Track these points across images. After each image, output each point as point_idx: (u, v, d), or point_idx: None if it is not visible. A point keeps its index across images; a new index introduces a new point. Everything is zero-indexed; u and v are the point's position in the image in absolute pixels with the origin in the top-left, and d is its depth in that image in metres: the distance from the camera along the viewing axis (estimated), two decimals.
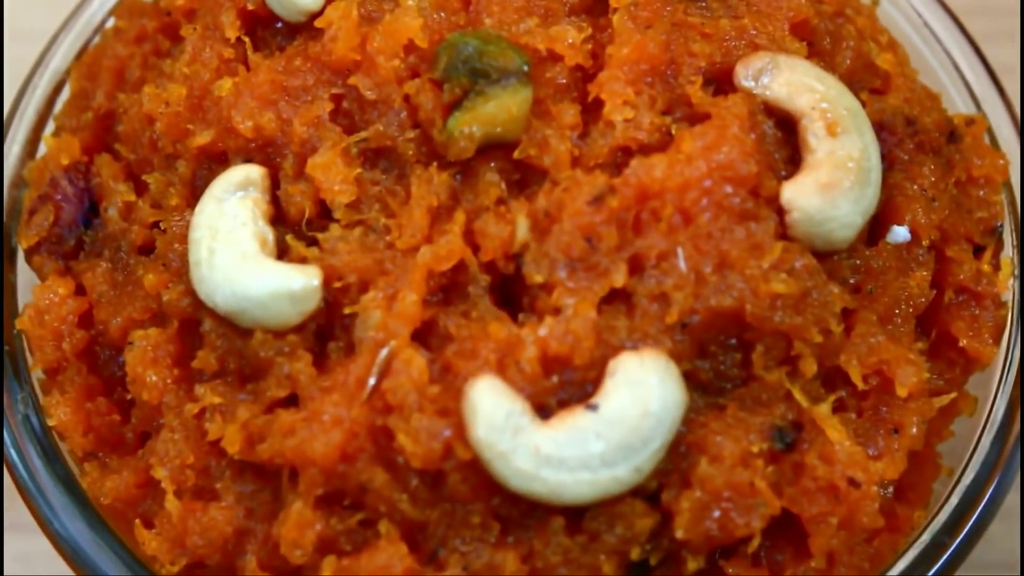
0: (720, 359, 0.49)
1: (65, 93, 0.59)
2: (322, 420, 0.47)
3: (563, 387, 0.48)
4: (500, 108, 0.49)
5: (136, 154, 0.54)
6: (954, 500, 0.53)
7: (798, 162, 0.50)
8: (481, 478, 0.47)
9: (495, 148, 0.50)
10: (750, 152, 0.49)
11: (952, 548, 0.52)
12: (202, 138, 0.51)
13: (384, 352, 0.47)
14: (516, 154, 0.49)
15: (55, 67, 0.59)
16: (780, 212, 0.49)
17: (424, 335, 0.48)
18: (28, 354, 0.54)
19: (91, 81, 0.56)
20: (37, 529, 0.52)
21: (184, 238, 0.50)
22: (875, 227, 0.52)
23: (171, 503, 0.50)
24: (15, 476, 0.52)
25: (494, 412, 0.46)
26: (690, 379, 0.48)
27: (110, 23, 0.59)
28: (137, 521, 0.51)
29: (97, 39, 0.59)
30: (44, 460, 0.52)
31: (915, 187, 0.53)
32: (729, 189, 0.48)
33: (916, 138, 0.54)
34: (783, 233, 0.49)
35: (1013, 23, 0.84)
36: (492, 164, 0.50)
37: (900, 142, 0.54)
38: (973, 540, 0.52)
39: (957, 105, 0.59)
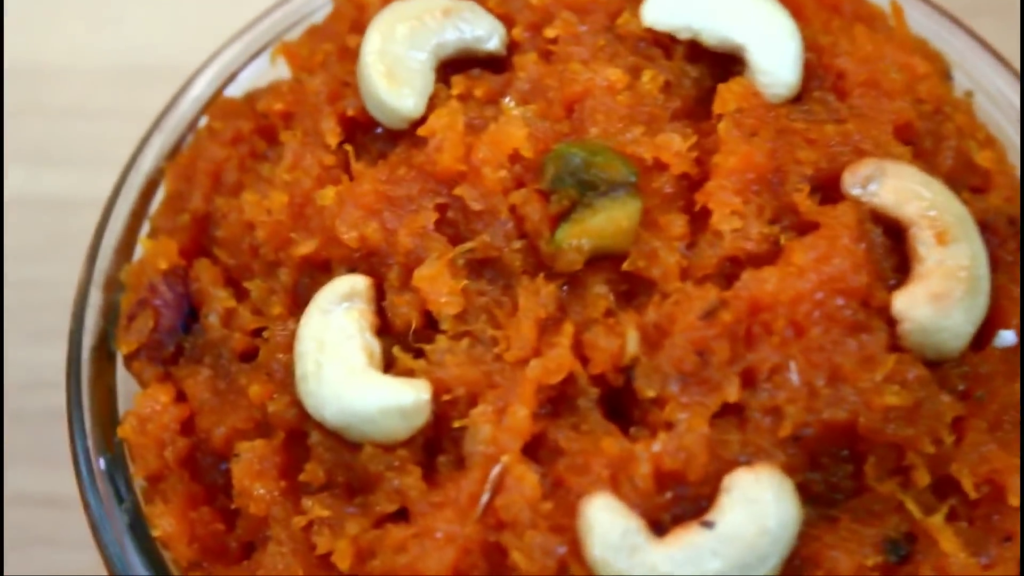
0: (832, 471, 0.49)
1: (160, 194, 0.58)
2: (434, 537, 0.47)
3: (677, 503, 0.47)
4: (609, 221, 0.49)
5: (236, 260, 0.54)
6: None
7: (907, 270, 0.50)
8: None
9: (603, 259, 0.49)
10: (861, 263, 0.48)
11: None
12: (305, 247, 0.51)
13: (496, 469, 0.47)
14: (625, 266, 0.49)
15: (147, 166, 0.59)
16: (891, 322, 0.49)
17: (534, 449, 0.48)
18: (130, 462, 0.53)
19: (187, 182, 0.56)
20: None
21: (287, 347, 0.50)
22: (982, 332, 0.51)
23: None
24: None
25: (610, 530, 0.46)
26: (803, 491, 0.48)
27: (202, 122, 0.58)
28: None
29: (190, 138, 0.58)
30: (150, 571, 0.52)
31: (1019, 289, 0.53)
32: (841, 301, 0.48)
33: (1018, 237, 0.54)
34: (894, 344, 0.49)
35: None
36: (600, 275, 0.49)
37: (1003, 242, 0.53)
38: None
39: None
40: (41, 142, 0.79)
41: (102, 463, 0.54)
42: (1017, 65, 0.60)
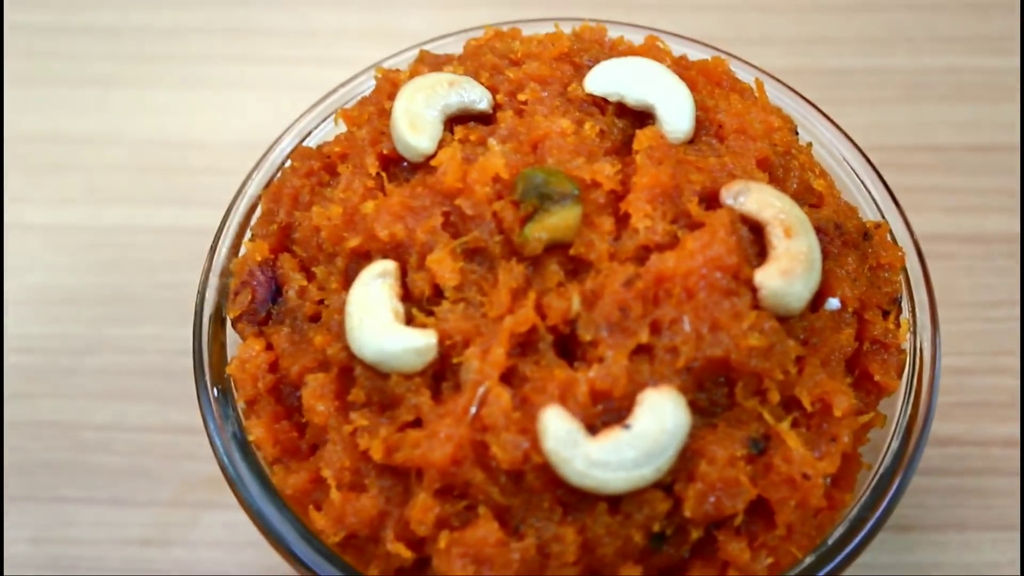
0: (713, 392, 0.48)
1: (257, 212, 0.58)
2: (439, 436, 0.46)
3: (606, 413, 0.46)
4: (560, 219, 0.48)
5: (307, 253, 0.53)
6: (871, 486, 0.52)
7: (764, 255, 0.49)
8: (549, 476, 0.46)
9: (556, 248, 0.48)
10: (733, 249, 0.48)
11: (872, 521, 0.51)
12: (353, 242, 0.50)
13: (481, 389, 0.46)
14: (571, 252, 0.48)
15: (251, 194, 0.59)
16: (753, 290, 0.48)
17: (508, 377, 0.47)
18: (235, 391, 0.53)
19: (276, 203, 0.56)
20: (239, 508, 0.51)
21: (341, 311, 0.49)
22: (817, 299, 0.50)
23: (334, 494, 0.49)
24: (226, 474, 0.52)
25: (559, 430, 0.45)
26: (692, 406, 0.47)
27: (287, 164, 0.58)
28: (311, 506, 0.50)
29: (279, 175, 0.58)
30: (246, 464, 0.52)
31: (842, 271, 0.52)
32: (719, 275, 0.47)
33: (842, 238, 0.53)
34: (756, 305, 0.48)
35: (902, 157, 0.83)
36: (554, 258, 0.48)
37: (831, 241, 0.53)
38: (886, 515, 0.51)
39: (868, 214, 0.58)
40: (187, 191, 0.80)
41: (215, 392, 0.53)
42: (837, 123, 0.60)
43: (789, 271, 0.48)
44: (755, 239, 0.50)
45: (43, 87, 0.86)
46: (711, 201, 0.50)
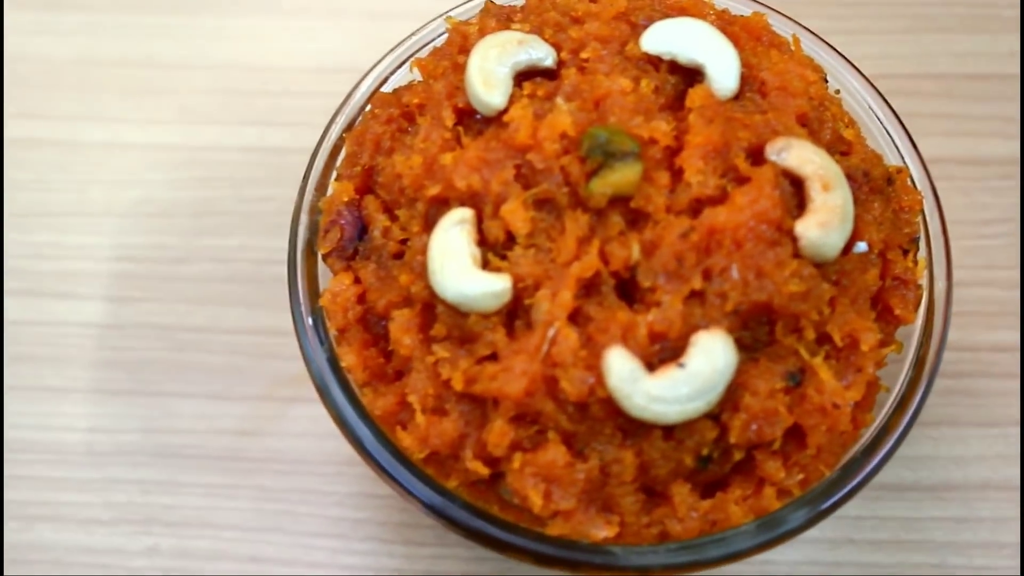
0: (756, 331, 0.47)
1: (342, 154, 0.56)
2: (514, 371, 0.46)
3: (662, 352, 0.46)
4: (623, 176, 0.46)
5: (390, 196, 0.52)
6: (890, 407, 0.52)
7: (803, 207, 0.48)
8: (612, 407, 0.45)
9: (618, 200, 0.47)
10: (777, 203, 0.46)
11: (892, 439, 0.51)
12: (433, 190, 0.49)
13: (552, 330, 0.46)
14: (632, 204, 0.47)
15: (334, 136, 0.57)
16: (794, 240, 0.47)
17: (575, 317, 0.46)
18: (327, 321, 0.52)
19: (359, 147, 0.54)
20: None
21: (423, 252, 0.48)
22: (847, 244, 0.49)
23: (419, 417, 0.48)
24: (323, 396, 0.51)
25: (621, 368, 0.45)
26: (738, 344, 0.46)
27: (367, 108, 0.56)
28: (398, 427, 0.50)
29: (360, 118, 0.56)
30: (340, 387, 0.51)
31: (869, 216, 0.51)
32: (764, 227, 0.46)
33: (869, 184, 0.52)
34: (796, 253, 0.47)
35: (906, 85, 0.80)
36: (617, 210, 0.47)
37: (860, 187, 0.51)
38: (904, 433, 0.51)
39: (891, 160, 0.56)
40: (266, 113, 0.78)
41: (310, 320, 0.52)
42: (863, 72, 0.58)
43: (826, 223, 0.47)
44: (796, 191, 0.48)
45: (136, 14, 0.83)
46: (756, 156, 0.48)
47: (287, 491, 0.67)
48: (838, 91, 0.58)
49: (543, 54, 0.51)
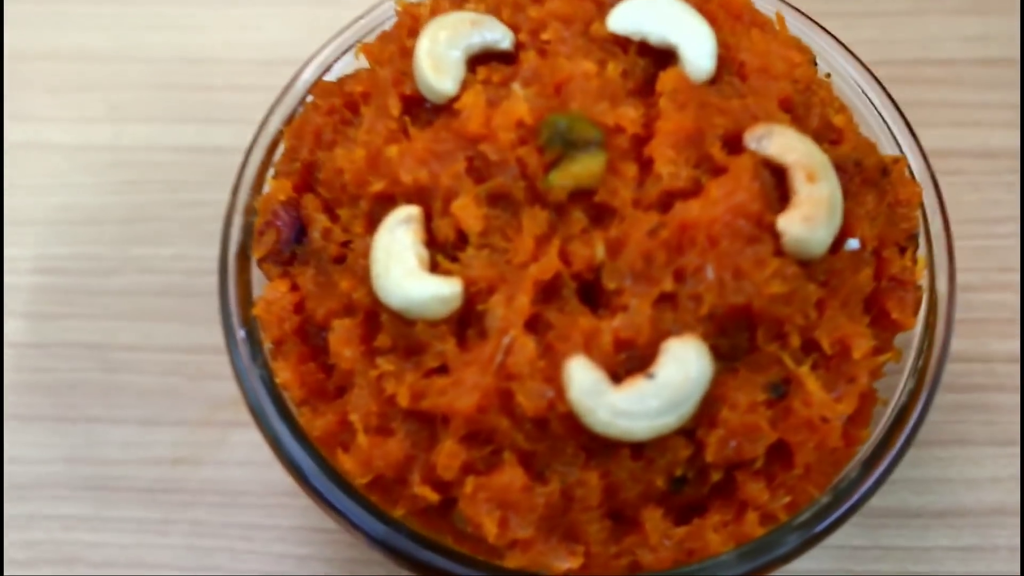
0: (735, 337, 0.47)
1: (280, 149, 0.56)
2: (465, 384, 0.45)
3: (629, 361, 0.45)
4: (584, 167, 0.46)
5: (331, 194, 0.51)
6: (888, 422, 0.51)
7: (787, 200, 0.47)
8: (573, 423, 0.45)
9: (580, 194, 0.47)
10: (756, 195, 0.46)
11: (890, 456, 0.50)
12: (377, 186, 0.48)
13: (507, 338, 0.45)
14: (595, 198, 0.46)
15: (271, 130, 0.56)
16: (776, 236, 0.46)
17: (533, 324, 0.46)
18: (261, 332, 0.51)
19: (298, 140, 0.54)
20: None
21: (366, 255, 0.48)
22: (837, 240, 0.49)
23: (361, 438, 0.48)
24: (256, 417, 0.51)
25: (583, 380, 0.44)
26: (715, 351, 0.46)
27: (309, 99, 0.56)
28: (339, 449, 0.49)
29: (300, 110, 0.56)
30: (274, 406, 0.51)
31: (862, 210, 0.50)
32: (742, 222, 0.46)
33: (861, 175, 0.51)
34: (778, 250, 0.46)
35: (910, 72, 0.80)
36: (578, 205, 0.47)
37: (851, 179, 0.51)
38: (904, 449, 0.50)
39: (886, 149, 0.56)
40: (206, 109, 0.78)
41: (242, 332, 0.52)
42: (858, 56, 0.57)
43: (811, 217, 0.46)
44: (777, 183, 0.48)
45: (63, 2, 0.83)
46: (734, 144, 0.48)
47: (225, 526, 0.66)
48: (828, 75, 0.57)
49: (499, 36, 0.51)
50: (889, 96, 0.57)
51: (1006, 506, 0.66)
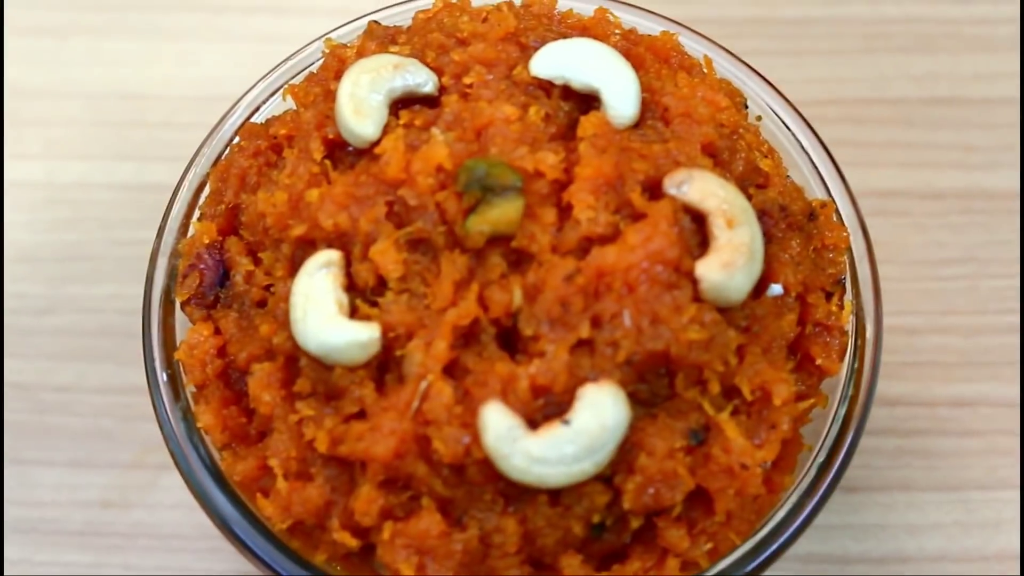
0: (653, 383, 0.48)
1: (206, 191, 0.57)
2: (382, 430, 0.46)
3: (546, 407, 0.47)
4: (502, 212, 0.48)
5: (254, 237, 0.53)
6: (813, 469, 0.52)
7: (706, 246, 0.49)
8: (490, 469, 0.46)
9: (499, 240, 0.48)
10: (675, 241, 0.47)
11: (812, 503, 0.51)
12: (298, 230, 0.50)
13: (424, 384, 0.46)
14: (513, 244, 0.48)
15: (199, 171, 0.58)
16: (694, 282, 0.48)
17: (450, 369, 0.47)
18: (183, 375, 0.53)
19: (223, 183, 0.55)
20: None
21: (287, 299, 0.49)
22: (759, 285, 0.50)
23: (281, 483, 0.49)
24: (176, 461, 0.52)
25: (499, 426, 0.45)
26: (633, 397, 0.47)
27: (235, 140, 0.57)
28: (258, 493, 0.50)
29: (227, 152, 0.57)
30: (195, 450, 0.52)
31: (786, 255, 0.52)
32: (660, 268, 0.47)
33: (787, 220, 0.53)
34: (696, 296, 0.48)
35: (860, 111, 0.82)
36: (497, 250, 0.48)
37: (776, 223, 0.53)
38: (827, 496, 0.52)
39: (816, 193, 0.57)
40: (143, 146, 0.79)
41: (165, 376, 0.53)
42: (787, 95, 0.59)
43: (730, 263, 0.48)
44: (698, 228, 0.49)
45: None
46: (655, 189, 0.50)
47: (157, 569, 0.67)
48: (759, 118, 0.59)
49: (422, 79, 0.52)
50: (819, 139, 0.59)
51: (948, 553, 0.68)
